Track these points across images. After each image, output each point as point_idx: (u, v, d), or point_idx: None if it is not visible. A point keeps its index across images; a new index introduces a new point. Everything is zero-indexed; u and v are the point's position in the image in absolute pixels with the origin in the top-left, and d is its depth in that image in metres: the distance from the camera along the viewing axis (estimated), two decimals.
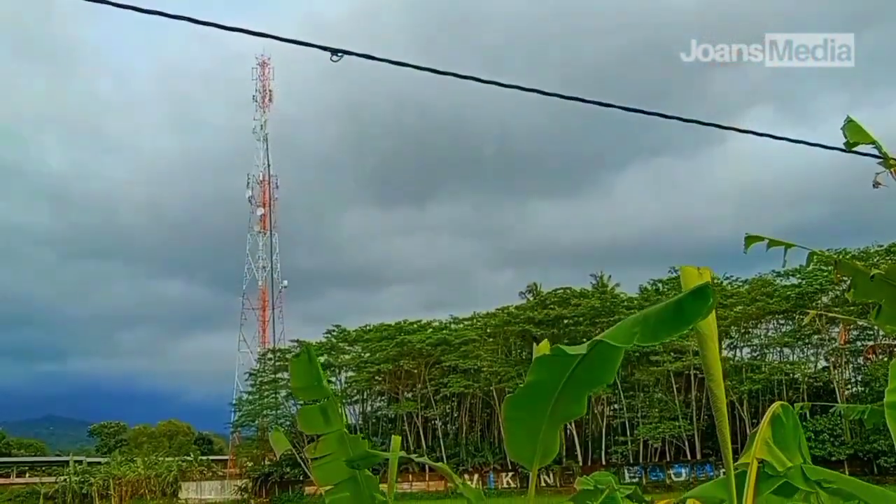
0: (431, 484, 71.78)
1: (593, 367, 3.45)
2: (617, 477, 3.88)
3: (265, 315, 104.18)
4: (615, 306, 67.38)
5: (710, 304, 2.74)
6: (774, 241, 3.84)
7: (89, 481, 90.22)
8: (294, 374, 4.44)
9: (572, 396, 3.52)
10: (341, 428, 4.38)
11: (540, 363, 3.48)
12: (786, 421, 3.56)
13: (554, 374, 3.44)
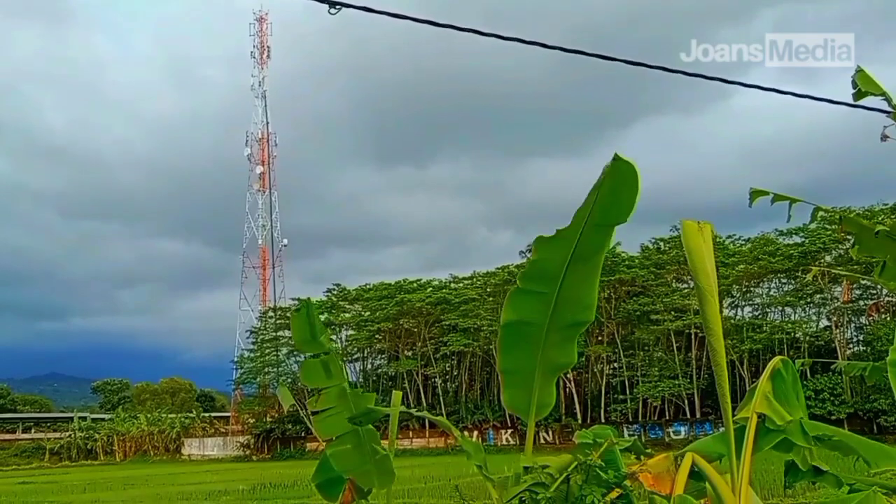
0: (432, 441, 72.70)
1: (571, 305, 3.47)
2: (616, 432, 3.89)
3: (265, 274, 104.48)
4: (616, 265, 67.12)
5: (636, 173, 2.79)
6: (779, 195, 3.80)
7: (94, 437, 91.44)
8: (295, 328, 4.45)
9: (560, 340, 3.54)
10: (342, 382, 4.40)
11: (515, 296, 3.50)
12: (786, 375, 3.56)
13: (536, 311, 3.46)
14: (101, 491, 40.20)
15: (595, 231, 3.33)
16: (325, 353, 4.42)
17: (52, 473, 66.27)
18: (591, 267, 3.47)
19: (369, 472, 4.44)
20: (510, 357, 3.68)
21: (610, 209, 3.31)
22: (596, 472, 3.22)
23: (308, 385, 4.55)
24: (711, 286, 3.13)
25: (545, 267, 3.46)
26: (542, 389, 3.66)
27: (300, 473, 42.52)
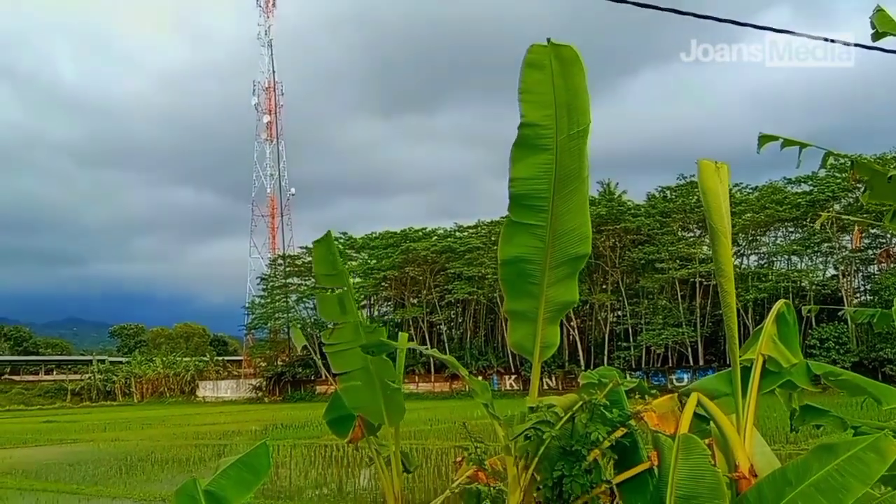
0: (437, 385, 73.72)
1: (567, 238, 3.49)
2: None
3: (274, 222, 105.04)
4: (622, 214, 66.90)
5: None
6: (789, 140, 3.76)
7: (112, 379, 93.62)
8: (317, 259, 4.49)
9: (561, 278, 3.57)
10: (356, 318, 4.46)
11: (509, 230, 3.53)
12: (789, 318, 3.59)
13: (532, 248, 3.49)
14: (121, 430, 41.19)
15: (568, 143, 3.32)
16: (343, 287, 4.48)
17: (74, 413, 67.80)
18: (579, 194, 3.47)
19: (379, 408, 4.54)
20: (514, 298, 3.72)
21: (571, 110, 3.31)
22: (601, 411, 3.28)
23: (324, 318, 4.62)
24: (725, 227, 3.13)
25: (531, 190, 3.45)
26: (547, 330, 3.70)
27: (310, 415, 43.40)
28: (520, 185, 3.46)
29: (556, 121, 3.28)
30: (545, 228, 3.48)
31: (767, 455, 3.25)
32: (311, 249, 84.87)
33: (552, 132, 3.29)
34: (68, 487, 19.13)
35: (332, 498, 16.90)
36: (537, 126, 3.30)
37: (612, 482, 3.37)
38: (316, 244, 4.51)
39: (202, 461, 23.67)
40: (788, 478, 2.92)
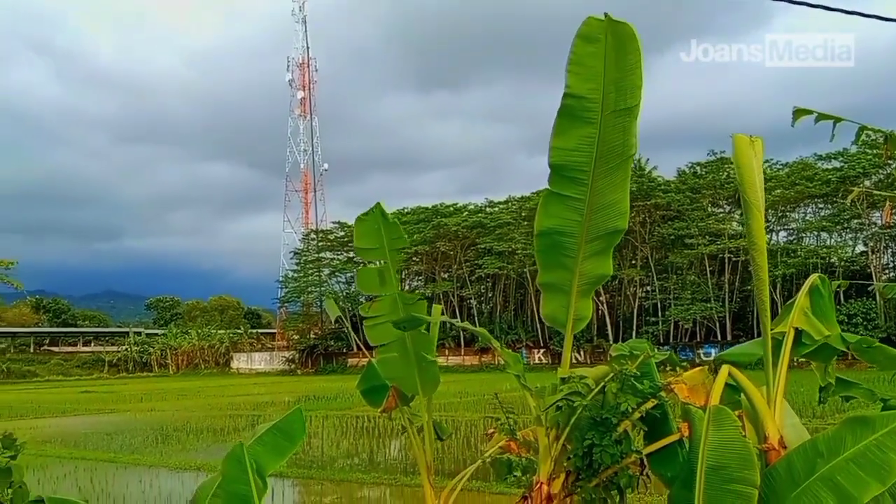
0: (467, 359, 74.20)
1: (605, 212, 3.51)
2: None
3: (307, 197, 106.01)
4: (652, 189, 66.49)
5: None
6: (823, 114, 3.73)
7: (148, 351, 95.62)
8: (359, 232, 4.54)
9: (596, 252, 3.60)
10: (395, 291, 4.52)
11: (548, 200, 3.55)
12: (823, 292, 3.58)
13: (569, 220, 3.52)
14: (157, 401, 42.14)
15: (614, 118, 3.33)
16: (383, 261, 4.54)
17: (111, 384, 69.43)
18: (621, 170, 3.48)
19: (414, 379, 4.62)
20: (548, 270, 3.75)
21: (621, 87, 3.31)
22: (632, 382, 3.32)
23: (363, 291, 4.70)
24: (758, 200, 3.14)
25: (571, 161, 3.47)
26: (580, 302, 3.75)
27: (342, 387, 44.00)
28: (559, 155, 3.48)
29: (603, 95, 3.29)
30: (583, 202, 3.50)
31: (797, 427, 3.27)
32: (343, 224, 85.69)
33: (597, 106, 3.30)
34: (106, 456, 19.67)
35: (364, 467, 17.20)
36: (583, 98, 3.31)
37: (642, 452, 3.42)
38: (361, 218, 4.56)
39: (236, 431, 24.18)
40: (819, 449, 2.95)
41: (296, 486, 15.48)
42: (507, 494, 12.37)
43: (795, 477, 2.93)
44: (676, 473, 3.27)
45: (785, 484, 2.94)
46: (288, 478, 15.43)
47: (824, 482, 2.85)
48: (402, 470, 16.52)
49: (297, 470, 16.25)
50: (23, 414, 32.24)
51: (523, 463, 4.12)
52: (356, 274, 4.76)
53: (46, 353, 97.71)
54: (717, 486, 2.95)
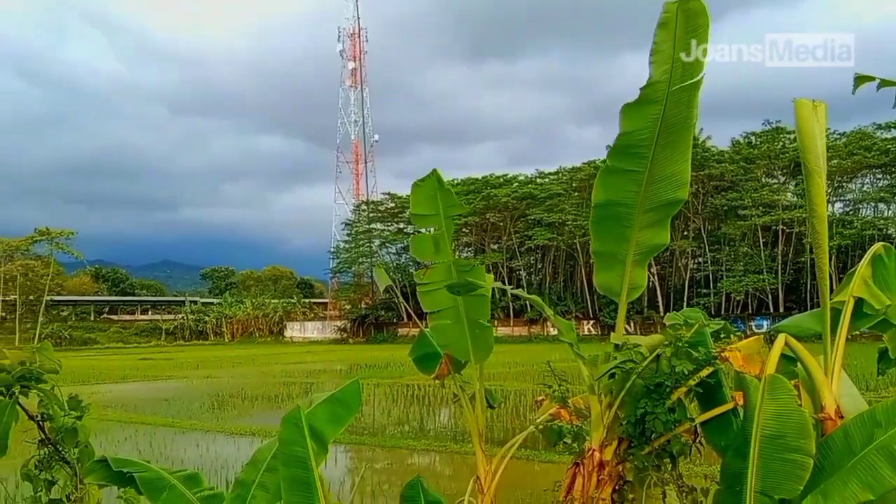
0: (516, 329, 74.41)
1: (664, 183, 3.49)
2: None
3: (358, 168, 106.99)
4: (705, 160, 65.35)
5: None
6: (886, 80, 3.61)
7: (204, 319, 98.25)
8: (415, 200, 4.59)
9: (653, 221, 3.58)
10: (450, 258, 4.58)
11: (605, 175, 3.54)
12: (887, 261, 3.51)
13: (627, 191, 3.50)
14: (213, 368, 43.38)
15: (679, 94, 3.31)
16: (439, 228, 4.59)
17: (168, 351, 71.68)
18: (682, 142, 3.45)
19: (467, 346, 4.68)
20: (603, 239, 3.75)
21: (689, 64, 3.28)
22: (686, 350, 3.32)
23: (418, 258, 4.76)
24: (820, 167, 3.08)
25: (634, 140, 3.46)
26: (634, 271, 3.74)
27: (392, 356, 44.61)
28: (625, 139, 3.48)
29: (671, 73, 3.27)
30: (643, 173, 3.49)
31: (854, 397, 3.23)
32: (394, 195, 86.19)
33: (666, 85, 3.29)
34: (164, 421, 20.36)
35: (414, 434, 17.49)
36: (657, 83, 3.30)
37: (696, 421, 3.43)
38: (418, 184, 4.61)
39: (290, 398, 24.76)
40: (878, 419, 2.92)
41: (348, 451, 15.83)
42: (555, 463, 12.46)
43: (852, 446, 2.91)
44: (730, 442, 3.27)
45: (841, 453, 2.93)
46: (340, 444, 15.78)
47: (882, 452, 2.82)
48: (452, 437, 16.76)
49: (349, 436, 16.61)
50: (84, 380, 33.47)
51: (574, 430, 4.16)
52: (411, 241, 4.80)
53: (106, 321, 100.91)
54: (772, 454, 2.94)
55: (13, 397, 3.60)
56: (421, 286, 4.65)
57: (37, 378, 3.65)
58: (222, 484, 11.09)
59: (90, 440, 3.92)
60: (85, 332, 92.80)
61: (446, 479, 12.56)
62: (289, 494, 3.30)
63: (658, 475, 3.48)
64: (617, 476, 3.56)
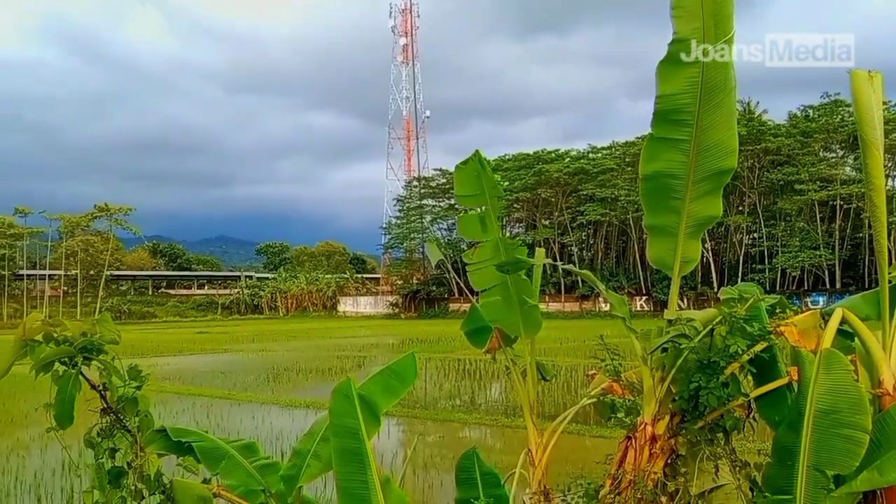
0: (567, 305, 74.10)
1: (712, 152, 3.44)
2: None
3: (410, 145, 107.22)
4: (761, 134, 63.75)
5: None
6: None
7: (259, 294, 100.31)
8: (459, 180, 4.62)
9: (705, 192, 3.54)
10: (497, 236, 4.60)
11: (651, 146, 3.50)
12: None
13: (675, 161, 3.46)
14: (268, 341, 44.32)
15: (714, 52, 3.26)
16: (485, 206, 4.62)
17: (224, 325, 73.44)
18: (726, 106, 3.39)
19: (517, 321, 4.72)
20: (654, 212, 3.72)
21: (718, 19, 3.23)
22: (741, 325, 3.29)
23: (465, 237, 4.80)
24: (877, 139, 3.01)
25: (675, 105, 3.41)
26: (687, 244, 3.70)
27: (443, 331, 44.94)
28: (665, 102, 3.43)
29: (704, 32, 3.22)
30: (689, 142, 3.44)
31: None
32: (445, 171, 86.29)
33: (700, 42, 3.24)
34: (221, 393, 20.89)
35: (465, 408, 17.64)
36: (686, 40, 3.25)
37: (750, 395, 3.41)
38: (461, 166, 4.63)
39: (343, 371, 25.18)
40: None
41: (400, 424, 16.06)
42: (606, 438, 12.46)
43: None
44: (784, 416, 3.24)
45: None
46: (392, 416, 16.00)
47: None
48: (503, 411, 16.86)
49: (401, 409, 16.83)
50: (143, 353, 34.49)
51: (627, 405, 4.17)
52: (458, 220, 4.84)
53: (164, 296, 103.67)
54: (826, 430, 2.92)
55: (76, 367, 3.73)
56: (469, 265, 4.69)
57: (97, 349, 3.77)
58: (277, 454, 11.38)
59: (149, 410, 4.05)
60: (143, 306, 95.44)
61: (497, 453, 12.67)
62: (340, 465, 3.35)
63: (711, 450, 3.48)
64: (669, 450, 3.56)
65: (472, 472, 4.32)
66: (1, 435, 15.67)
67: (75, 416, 3.76)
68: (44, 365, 3.63)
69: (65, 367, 3.72)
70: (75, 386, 3.68)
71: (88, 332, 3.75)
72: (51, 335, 3.66)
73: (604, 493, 3.66)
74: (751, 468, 3.39)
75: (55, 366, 3.68)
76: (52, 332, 3.67)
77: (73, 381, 3.67)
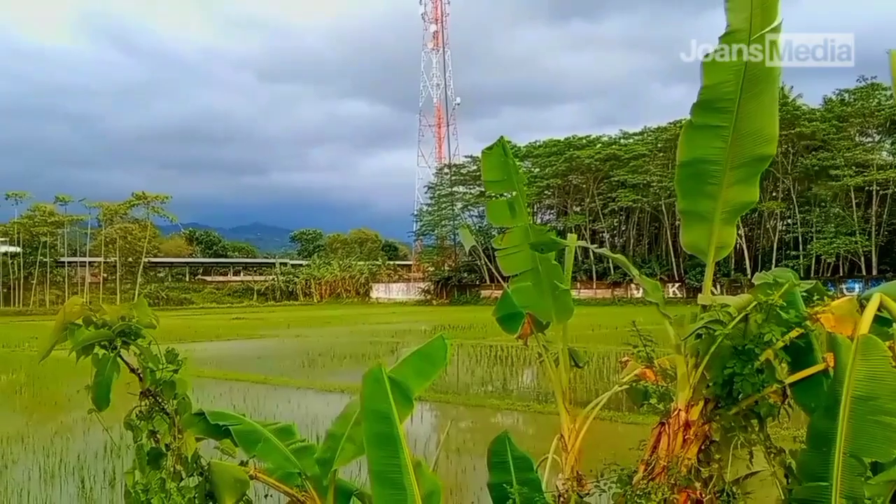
0: (598, 292, 73.71)
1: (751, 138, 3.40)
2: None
3: (440, 132, 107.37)
4: (796, 118, 62.52)
5: None
6: None
7: (293, 281, 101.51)
8: (487, 166, 4.63)
9: (742, 178, 3.50)
10: (526, 221, 4.60)
11: (689, 132, 3.47)
12: None
13: (713, 148, 3.43)
14: (302, 327, 44.84)
15: (760, 41, 3.22)
16: (514, 192, 4.62)
17: (260, 311, 74.40)
18: (768, 94, 3.36)
19: (548, 307, 4.71)
20: (689, 197, 3.69)
21: (765, 8, 3.20)
22: (776, 311, 3.25)
23: (494, 224, 4.80)
24: None
25: (718, 94, 3.38)
26: (723, 230, 3.67)
27: (475, 317, 45.01)
28: (708, 92, 3.41)
29: (751, 22, 3.19)
30: (728, 129, 3.42)
31: None
32: (476, 158, 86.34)
33: (746, 34, 3.22)
34: (257, 378, 21.17)
35: (498, 394, 17.68)
36: (736, 32, 3.23)
37: (785, 382, 3.37)
38: (486, 151, 4.63)
39: (376, 356, 25.36)
40: None
41: (433, 409, 16.16)
42: (639, 424, 12.41)
43: None
44: (820, 403, 3.21)
45: None
46: (425, 402, 16.11)
47: None
48: (535, 398, 16.86)
49: (433, 394, 16.93)
50: (181, 338, 35.00)
51: (660, 391, 4.15)
52: (487, 206, 4.82)
53: (200, 282, 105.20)
54: (863, 416, 2.88)
55: (115, 351, 3.81)
56: (499, 251, 4.69)
57: (135, 333, 3.85)
58: (312, 438, 11.51)
59: (188, 394, 4.12)
60: (181, 292, 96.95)
61: (530, 439, 12.70)
62: (372, 449, 3.36)
63: (745, 436, 3.46)
64: (703, 436, 3.55)
65: (505, 457, 4.33)
66: (45, 418, 16.09)
67: (113, 399, 3.84)
68: (83, 348, 3.71)
69: (104, 350, 3.80)
70: (113, 369, 3.75)
71: (126, 316, 3.82)
72: (90, 318, 3.74)
73: (637, 478, 3.66)
74: (786, 455, 3.36)
75: (95, 349, 3.76)
76: (92, 316, 3.75)
77: (110, 364, 3.75)
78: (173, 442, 3.92)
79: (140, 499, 3.73)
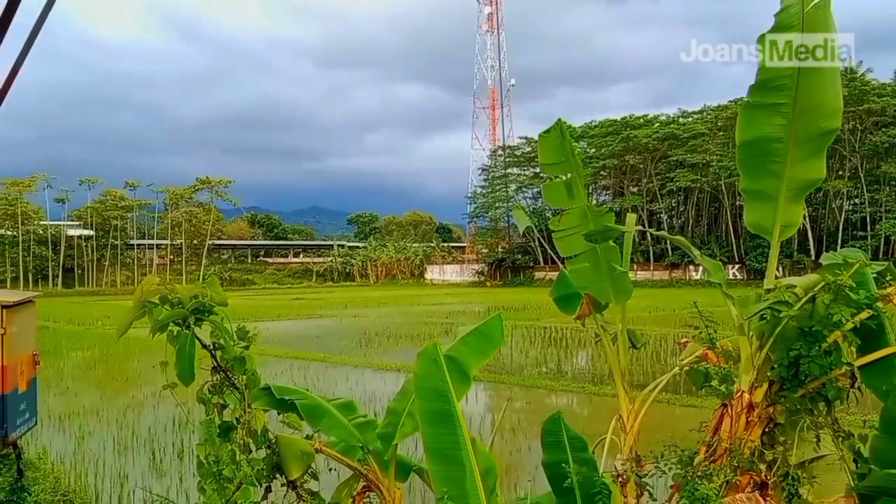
0: (656, 273, 72.63)
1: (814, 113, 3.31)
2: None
3: (494, 114, 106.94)
4: (864, 94, 60.08)
5: None
6: None
7: (350, 262, 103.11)
8: (543, 149, 4.61)
9: (806, 155, 3.42)
10: (584, 203, 4.58)
11: (747, 112, 3.39)
12: None
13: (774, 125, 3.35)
14: (359, 307, 45.47)
15: (814, 14, 3.14)
16: (571, 174, 4.59)
17: (318, 292, 75.61)
18: (829, 67, 3.27)
19: (607, 288, 4.69)
20: (752, 177, 3.62)
21: None
22: (845, 292, 3.18)
23: (551, 205, 4.79)
24: None
25: (776, 73, 3.30)
26: (788, 208, 3.59)
27: (529, 299, 44.86)
28: (767, 72, 3.34)
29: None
30: (789, 105, 3.34)
31: None
32: (530, 140, 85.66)
33: (800, 8, 3.13)
34: (316, 356, 21.57)
35: (552, 375, 17.65)
36: (791, 7, 3.16)
37: (854, 364, 3.30)
38: (544, 135, 4.61)
39: (431, 337, 25.52)
40: None
41: (487, 389, 16.23)
42: (697, 407, 12.26)
43: None
44: (892, 387, 3.13)
45: None
46: (480, 381, 16.18)
47: None
48: (590, 379, 16.78)
49: (488, 375, 17.00)
50: (244, 318, 35.77)
51: (722, 373, 4.10)
52: (543, 188, 4.79)
53: (262, 264, 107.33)
54: None
55: (189, 328, 3.94)
56: (556, 232, 4.68)
57: (208, 310, 3.98)
58: (371, 415, 11.70)
59: (255, 370, 4.24)
60: (243, 273, 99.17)
61: (584, 420, 12.67)
62: (428, 426, 3.37)
63: (812, 419, 3.40)
64: (767, 418, 3.51)
65: (560, 436, 4.34)
66: (118, 393, 16.72)
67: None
68: (160, 326, 3.86)
69: (178, 327, 3.93)
70: (192, 345, 3.89)
71: (199, 294, 3.95)
72: (166, 297, 3.88)
73: (698, 460, 3.64)
74: (855, 439, 3.30)
75: (170, 326, 3.90)
76: (167, 295, 3.89)
77: (190, 341, 3.89)
78: (243, 415, 4.05)
79: (212, 469, 3.87)
